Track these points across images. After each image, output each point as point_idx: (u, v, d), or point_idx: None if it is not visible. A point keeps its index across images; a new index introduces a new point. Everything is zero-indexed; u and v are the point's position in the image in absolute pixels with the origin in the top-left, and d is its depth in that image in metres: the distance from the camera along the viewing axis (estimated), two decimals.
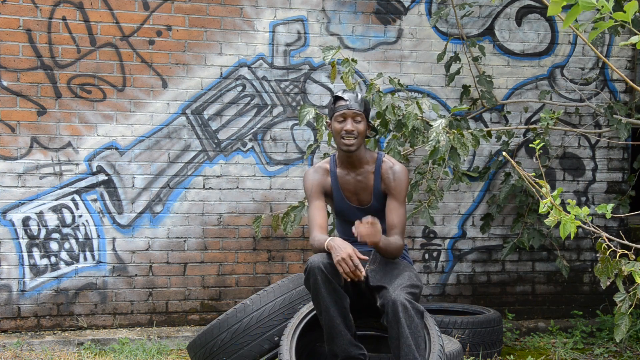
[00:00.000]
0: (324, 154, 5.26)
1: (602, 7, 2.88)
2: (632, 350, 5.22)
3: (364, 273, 3.39)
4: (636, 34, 2.95)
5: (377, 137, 4.94)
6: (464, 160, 5.85)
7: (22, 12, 5.14)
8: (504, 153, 3.46)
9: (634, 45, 4.52)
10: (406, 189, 3.78)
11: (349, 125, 3.69)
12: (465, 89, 5.73)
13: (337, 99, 3.76)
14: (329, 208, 4.21)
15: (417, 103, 4.77)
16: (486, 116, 5.89)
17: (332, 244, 3.46)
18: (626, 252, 3.43)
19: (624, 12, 2.84)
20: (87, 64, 5.25)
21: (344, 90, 3.81)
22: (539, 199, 3.22)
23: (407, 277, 3.55)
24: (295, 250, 5.64)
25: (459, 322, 4.87)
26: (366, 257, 3.47)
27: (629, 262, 3.38)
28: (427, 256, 5.85)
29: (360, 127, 3.71)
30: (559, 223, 3.13)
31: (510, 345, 5.47)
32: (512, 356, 5.10)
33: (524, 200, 5.68)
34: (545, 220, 3.19)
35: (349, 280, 3.40)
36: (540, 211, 3.21)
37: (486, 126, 5.80)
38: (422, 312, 3.46)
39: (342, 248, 3.40)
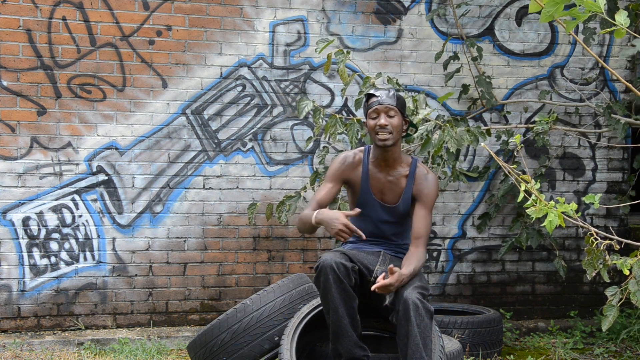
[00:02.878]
0: (323, 147, 5.26)
1: None
2: (632, 350, 5.23)
3: (364, 236, 3.44)
4: (614, 24, 2.92)
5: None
6: (463, 160, 5.85)
7: (22, 12, 5.14)
8: (483, 144, 3.46)
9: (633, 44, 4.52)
10: (436, 197, 3.75)
11: (382, 120, 3.63)
12: (465, 88, 5.74)
13: (369, 96, 3.71)
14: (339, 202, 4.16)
15: (413, 98, 4.78)
16: (486, 116, 5.89)
17: (322, 218, 3.46)
18: (611, 242, 3.44)
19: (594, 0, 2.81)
20: (87, 64, 5.25)
21: (376, 88, 3.76)
22: (519, 188, 3.23)
23: (417, 278, 3.56)
24: (295, 250, 5.64)
25: (459, 322, 4.87)
26: (357, 212, 3.49)
27: (619, 258, 3.40)
28: (427, 256, 5.85)
29: (395, 122, 3.65)
30: (545, 218, 3.15)
31: (510, 345, 5.47)
32: (512, 356, 5.10)
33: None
34: (527, 211, 3.20)
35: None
36: (519, 202, 3.22)
37: (486, 126, 5.80)
38: (432, 312, 3.45)
39: (333, 219, 3.41)
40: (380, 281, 3.38)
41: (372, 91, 3.73)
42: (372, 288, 3.40)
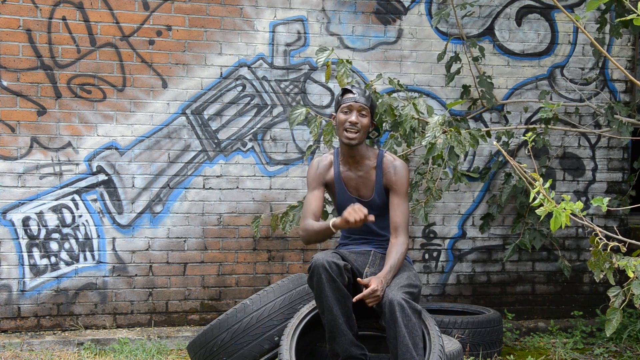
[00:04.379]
0: (324, 154, 5.26)
1: None
2: (632, 350, 5.23)
3: (371, 217, 3.46)
4: (635, 12, 2.93)
5: (378, 137, 4.95)
6: (463, 160, 5.85)
7: (22, 12, 5.14)
8: (494, 142, 3.46)
9: (633, 44, 4.52)
10: (407, 183, 3.82)
11: (353, 117, 3.73)
12: (465, 89, 5.74)
13: (345, 91, 3.81)
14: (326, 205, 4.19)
15: (414, 104, 4.77)
16: (486, 116, 5.89)
17: (340, 220, 3.49)
18: (617, 244, 3.44)
19: None
20: (87, 64, 5.25)
21: (353, 86, 3.87)
22: (530, 188, 3.22)
23: (405, 277, 3.57)
24: (295, 250, 5.64)
25: (459, 322, 4.87)
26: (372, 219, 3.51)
27: (622, 258, 3.39)
28: (427, 256, 5.85)
29: (364, 122, 3.75)
30: (550, 216, 3.14)
31: (510, 345, 5.47)
32: (512, 356, 5.10)
33: (524, 202, 5.67)
34: (536, 211, 3.20)
35: (359, 222, 3.45)
36: (530, 201, 3.21)
37: (486, 126, 5.80)
38: (419, 311, 3.46)
39: (349, 212, 3.45)
40: (362, 293, 3.42)
41: (348, 87, 3.83)
42: (355, 299, 3.44)
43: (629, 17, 2.97)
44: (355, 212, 3.44)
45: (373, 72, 5.62)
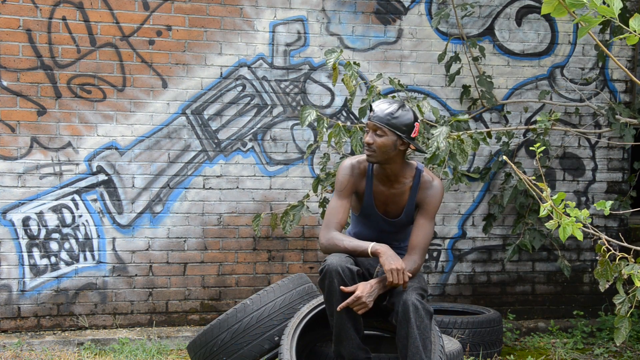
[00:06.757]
0: (324, 154, 5.26)
1: (590, 2, 2.85)
2: (632, 350, 5.23)
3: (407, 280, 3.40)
4: (626, 29, 2.92)
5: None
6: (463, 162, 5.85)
7: (22, 12, 5.14)
8: (504, 157, 3.45)
9: (633, 44, 4.52)
10: (439, 206, 3.69)
11: (368, 137, 3.56)
12: (466, 89, 5.74)
13: (370, 108, 3.64)
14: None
15: (418, 106, 4.77)
16: (486, 116, 5.89)
17: (383, 250, 3.42)
18: (625, 255, 3.41)
19: (608, 6, 2.81)
20: (87, 64, 5.25)
21: (382, 100, 3.64)
22: (539, 202, 3.20)
23: (417, 280, 3.57)
24: (295, 250, 5.64)
25: (459, 322, 4.87)
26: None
27: (628, 265, 3.36)
28: (427, 256, 5.85)
29: (380, 141, 3.53)
30: (559, 225, 3.11)
31: (510, 345, 5.47)
32: (512, 356, 5.10)
33: (524, 202, 5.67)
34: (546, 224, 3.18)
35: (392, 286, 3.41)
36: (540, 215, 3.19)
37: (486, 126, 5.81)
38: (431, 313, 3.46)
39: (395, 258, 3.38)
40: (346, 301, 3.37)
41: (374, 104, 3.62)
42: (339, 308, 3.38)
43: (622, 36, 2.96)
44: (398, 274, 3.37)
45: (373, 72, 5.62)
